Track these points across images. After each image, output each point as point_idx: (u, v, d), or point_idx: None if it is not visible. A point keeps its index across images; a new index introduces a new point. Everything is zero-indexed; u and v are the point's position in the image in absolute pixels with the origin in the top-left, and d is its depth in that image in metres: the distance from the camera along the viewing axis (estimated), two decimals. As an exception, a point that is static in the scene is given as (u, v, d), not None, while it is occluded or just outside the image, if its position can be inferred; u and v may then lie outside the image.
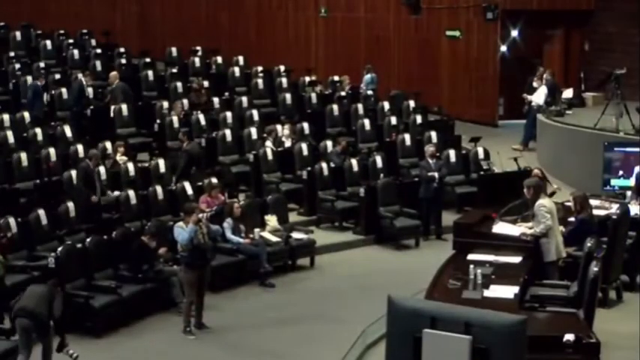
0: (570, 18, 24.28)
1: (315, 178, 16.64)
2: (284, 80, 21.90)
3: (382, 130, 19.60)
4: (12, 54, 22.19)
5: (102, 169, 15.27)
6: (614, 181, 16.46)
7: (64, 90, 19.30)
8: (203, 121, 18.66)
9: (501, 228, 11.97)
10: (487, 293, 9.99)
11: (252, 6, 27.10)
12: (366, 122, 19.47)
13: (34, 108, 18.52)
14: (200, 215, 12.54)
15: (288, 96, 20.68)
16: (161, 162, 16.22)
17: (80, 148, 16.36)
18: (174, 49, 24.01)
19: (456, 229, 12.16)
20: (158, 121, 18.66)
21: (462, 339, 6.34)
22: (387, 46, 25.36)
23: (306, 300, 13.53)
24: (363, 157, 17.84)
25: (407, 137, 18.63)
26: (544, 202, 11.58)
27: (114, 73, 19.98)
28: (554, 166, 18.68)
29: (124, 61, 22.28)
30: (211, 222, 13.42)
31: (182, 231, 12.07)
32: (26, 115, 17.98)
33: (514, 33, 24.25)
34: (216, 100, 20.11)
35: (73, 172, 15.07)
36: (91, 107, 18.98)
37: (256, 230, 14.34)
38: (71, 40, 23.82)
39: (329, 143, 17.98)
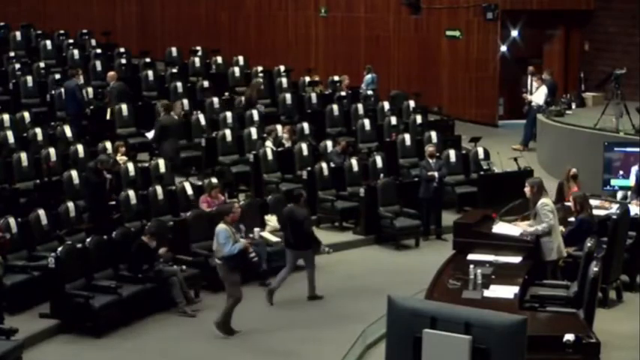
0: (570, 18, 24.29)
1: (315, 178, 16.63)
2: (284, 80, 21.90)
3: (382, 130, 19.60)
4: (12, 54, 22.17)
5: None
6: (614, 181, 16.49)
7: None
8: (203, 121, 18.67)
9: (501, 228, 11.97)
10: (487, 293, 9.99)
11: (252, 6, 27.09)
12: (366, 122, 19.47)
13: (70, 108, 18.41)
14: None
15: (288, 96, 20.67)
16: (161, 162, 16.21)
17: (80, 148, 16.37)
18: (174, 49, 24.01)
19: (456, 229, 12.14)
20: (158, 121, 18.65)
21: (462, 339, 6.34)
22: (387, 46, 25.37)
23: (306, 300, 13.52)
24: (363, 157, 17.84)
25: (407, 137, 18.63)
26: (547, 202, 11.58)
27: (112, 73, 19.97)
28: (554, 166, 18.69)
29: (124, 61, 22.28)
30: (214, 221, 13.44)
31: (230, 243, 11.87)
32: (26, 115, 17.97)
33: (514, 33, 24.27)
34: (215, 100, 20.11)
35: (73, 172, 15.08)
36: (91, 107, 18.98)
37: (256, 230, 14.33)
38: (71, 40, 23.81)
39: (329, 143, 17.98)
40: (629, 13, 22.97)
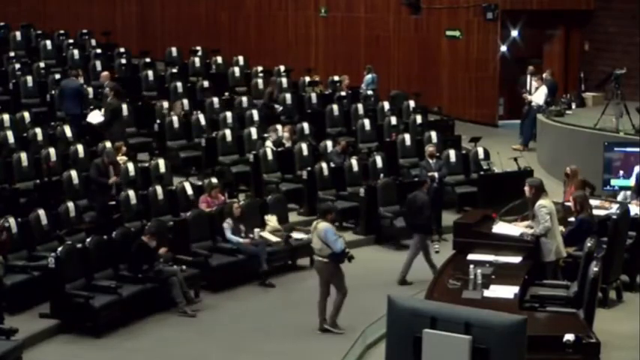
0: (570, 18, 24.29)
1: (315, 178, 16.63)
2: (284, 80, 21.90)
3: (382, 130, 19.60)
4: (12, 54, 22.18)
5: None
6: (614, 181, 16.48)
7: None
8: (203, 121, 18.67)
9: (501, 228, 11.96)
10: (487, 293, 9.98)
11: (252, 6, 27.10)
12: (366, 122, 19.47)
13: (71, 107, 18.39)
14: None
15: (288, 96, 20.67)
16: (161, 162, 16.22)
17: (80, 148, 16.37)
18: (174, 49, 24.02)
19: (456, 229, 12.14)
20: (158, 121, 18.66)
21: (462, 339, 6.34)
22: (387, 46, 25.36)
23: (306, 300, 13.50)
24: (363, 157, 17.84)
25: (407, 137, 18.63)
26: (544, 203, 11.57)
27: (105, 74, 19.91)
28: (554, 166, 18.69)
29: (124, 61, 22.29)
30: (214, 221, 13.45)
31: (339, 239, 11.98)
32: (26, 115, 17.97)
33: (514, 33, 24.27)
34: (215, 100, 20.11)
35: (73, 172, 15.08)
36: (91, 107, 18.98)
37: (256, 230, 14.33)
38: (71, 40, 23.82)
39: (329, 143, 17.98)
40: (629, 13, 22.97)
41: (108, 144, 16.48)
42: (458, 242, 11.87)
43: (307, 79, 22.29)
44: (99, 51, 22.82)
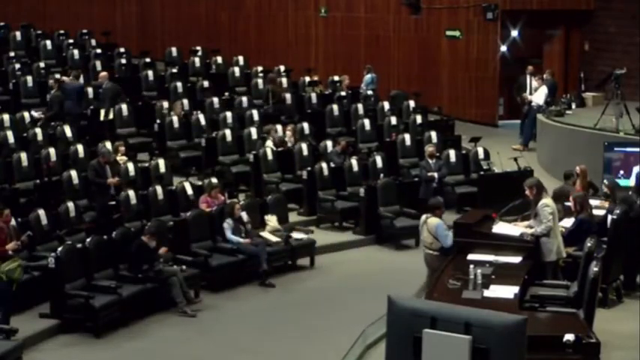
0: (570, 18, 24.29)
1: (315, 178, 16.63)
2: (284, 80, 21.90)
3: (382, 130, 19.60)
4: (12, 54, 22.19)
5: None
6: (614, 181, 16.47)
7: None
8: (203, 121, 18.67)
9: (501, 228, 11.97)
10: (487, 293, 9.99)
11: (252, 6, 27.10)
12: (366, 122, 19.47)
13: (71, 108, 18.44)
14: None
15: (288, 96, 20.67)
16: (161, 162, 16.22)
17: (80, 148, 16.38)
18: (174, 49, 24.04)
19: (456, 229, 12.14)
20: (158, 121, 18.66)
21: (462, 339, 6.34)
22: (387, 46, 25.36)
23: (306, 300, 13.53)
24: (363, 157, 17.84)
25: (407, 137, 18.63)
26: (548, 202, 11.58)
27: (103, 74, 19.87)
28: (554, 166, 18.68)
29: (124, 61, 22.30)
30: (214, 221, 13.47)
31: (449, 234, 12.11)
32: (26, 115, 17.99)
33: (514, 33, 24.26)
34: (215, 100, 20.12)
35: (73, 172, 15.08)
36: (91, 107, 18.99)
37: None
38: (71, 40, 23.84)
39: (329, 143, 17.98)
40: (629, 13, 22.97)
41: (108, 144, 16.48)
42: (458, 242, 11.87)
43: (307, 79, 22.30)
44: (99, 51, 22.84)
